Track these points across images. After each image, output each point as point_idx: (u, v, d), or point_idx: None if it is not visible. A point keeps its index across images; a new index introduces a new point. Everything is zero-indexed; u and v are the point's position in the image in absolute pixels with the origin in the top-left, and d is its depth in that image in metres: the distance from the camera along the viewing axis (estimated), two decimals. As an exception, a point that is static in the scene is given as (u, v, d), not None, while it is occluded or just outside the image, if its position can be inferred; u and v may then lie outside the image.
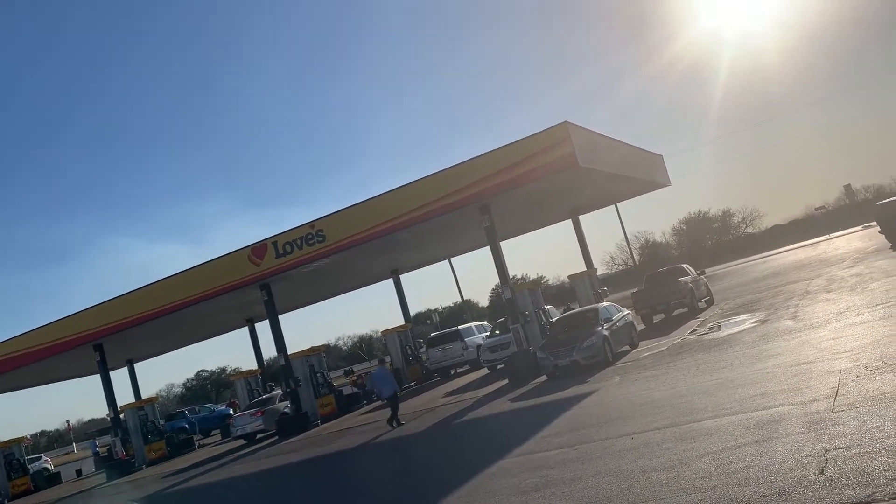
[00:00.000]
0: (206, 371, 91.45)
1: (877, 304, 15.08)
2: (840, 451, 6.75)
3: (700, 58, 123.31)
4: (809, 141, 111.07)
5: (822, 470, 6.38)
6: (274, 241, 24.10)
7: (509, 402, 17.04)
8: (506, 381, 21.07)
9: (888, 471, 5.93)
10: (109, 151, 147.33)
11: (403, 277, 35.96)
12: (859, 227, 53.31)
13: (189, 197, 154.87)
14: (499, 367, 25.03)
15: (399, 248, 27.37)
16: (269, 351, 40.12)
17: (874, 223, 34.05)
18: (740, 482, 6.68)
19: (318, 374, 27.17)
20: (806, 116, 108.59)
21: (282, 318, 27.62)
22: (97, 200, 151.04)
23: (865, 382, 8.97)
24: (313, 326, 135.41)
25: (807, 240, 57.85)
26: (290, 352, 26.55)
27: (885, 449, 6.44)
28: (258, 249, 24.41)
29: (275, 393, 29.89)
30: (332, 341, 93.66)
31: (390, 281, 35.52)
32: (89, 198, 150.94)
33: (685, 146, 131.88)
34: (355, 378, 33.85)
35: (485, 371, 26.74)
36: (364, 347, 79.09)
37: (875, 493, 5.57)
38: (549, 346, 19.62)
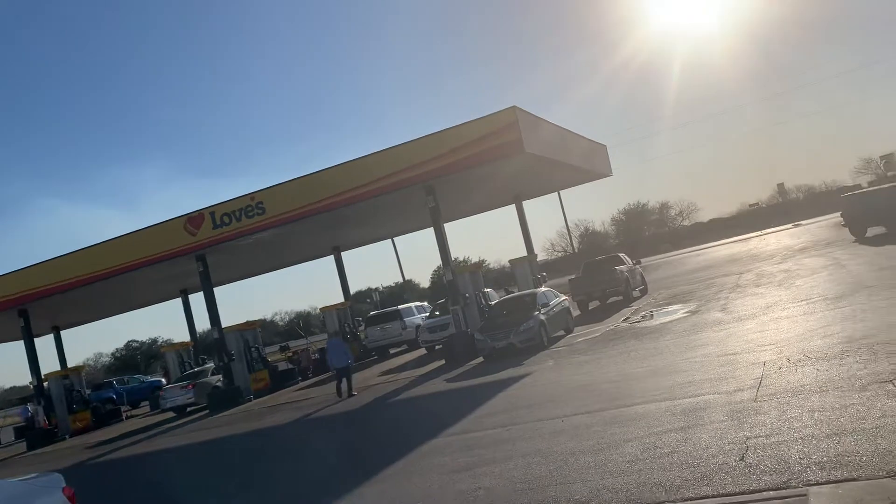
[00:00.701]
0: (137, 342, 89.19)
1: (801, 300, 15.70)
2: (760, 439, 7.01)
3: (652, 56, 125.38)
4: (748, 139, 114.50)
5: (743, 457, 6.62)
6: (211, 211, 23.56)
7: (445, 383, 17.16)
8: (443, 362, 21.20)
9: (802, 458, 6.20)
10: (37, 106, 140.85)
11: (345, 255, 35.72)
12: (790, 225, 55.35)
13: (123, 160, 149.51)
14: (437, 347, 25.15)
15: (341, 225, 27.12)
16: (202, 323, 39.30)
17: (804, 221, 35.35)
18: (665, 467, 6.88)
19: (253, 349, 26.81)
20: (744, 115, 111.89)
21: (217, 290, 27.10)
22: (24, 159, 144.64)
23: (787, 374, 9.34)
24: (250, 300, 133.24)
25: (740, 235, 59.74)
26: (224, 325, 26.11)
27: (801, 438, 6.73)
28: (195, 219, 23.83)
29: (207, 366, 29.36)
30: (268, 316, 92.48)
31: (331, 258, 35.22)
32: (15, 156, 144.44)
33: (630, 139, 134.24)
34: (290, 354, 33.50)
35: (423, 351, 26.85)
36: (301, 324, 78.29)
37: (790, 479, 5.82)
38: (487, 328, 19.81)
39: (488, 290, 26.72)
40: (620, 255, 29.44)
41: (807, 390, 8.33)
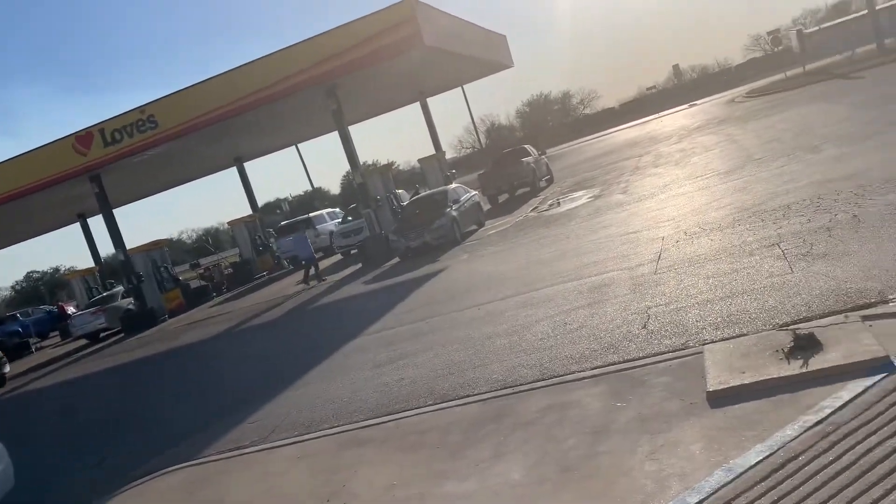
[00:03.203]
0: (38, 272, 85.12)
1: (697, 177, 16.46)
2: (660, 307, 7.51)
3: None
4: (644, 23, 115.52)
5: (645, 325, 7.10)
6: (100, 128, 22.25)
7: (363, 285, 17.33)
8: (359, 266, 21.32)
9: (699, 321, 6.70)
10: None
11: (248, 165, 34.64)
12: (686, 106, 57.01)
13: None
14: (352, 252, 25.19)
15: (241, 134, 26.17)
16: (106, 248, 37.78)
17: (699, 101, 36.28)
18: (574, 340, 7.31)
19: (162, 269, 26.17)
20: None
21: (117, 211, 26.02)
22: None
23: (684, 246, 9.91)
24: (153, 220, 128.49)
25: (639, 119, 61.22)
26: (129, 247, 25.24)
27: (697, 303, 7.24)
28: (83, 138, 22.47)
29: (116, 290, 28.54)
30: (175, 235, 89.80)
31: (234, 170, 34.11)
32: None
33: (530, 27, 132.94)
34: (202, 271, 32.86)
35: (338, 257, 26.85)
36: (210, 240, 76.43)
37: (688, 341, 6.30)
38: (400, 229, 19.93)
39: (400, 191, 26.69)
40: (526, 146, 29.77)
41: (702, 259, 8.89)
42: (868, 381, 4.44)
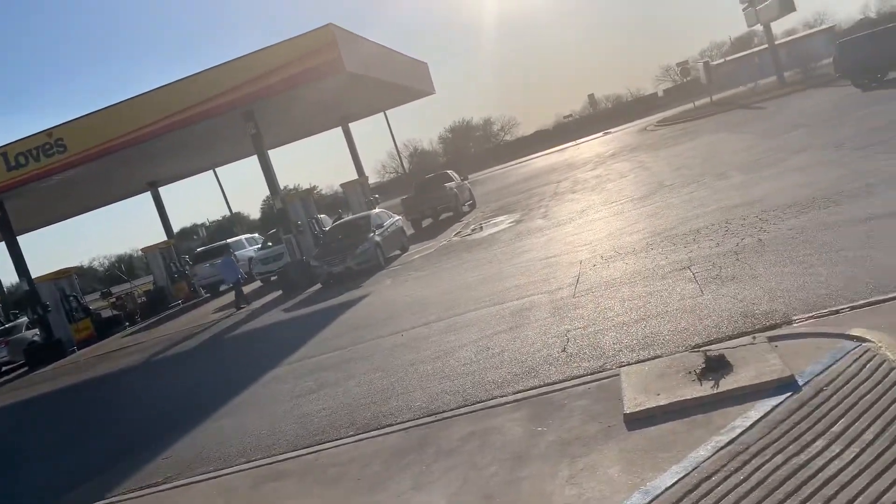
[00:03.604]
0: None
1: (612, 202, 16.95)
2: (579, 330, 7.63)
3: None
4: (562, 54, 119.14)
5: (564, 348, 7.20)
6: (3, 151, 21.14)
7: (283, 312, 16.98)
8: (280, 293, 20.90)
9: (615, 344, 6.84)
10: None
11: (164, 190, 33.62)
12: (601, 133, 58.86)
13: None
14: (272, 278, 24.69)
15: (156, 158, 25.36)
16: (9, 277, 35.81)
17: (613, 129, 37.50)
18: (496, 365, 7.34)
19: (71, 298, 24.96)
20: (560, 30, 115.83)
21: (22, 238, 24.70)
22: None
23: (601, 270, 10.15)
24: (63, 247, 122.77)
25: (557, 146, 62.77)
26: (35, 276, 23.98)
27: (614, 326, 7.40)
28: (-16, 162, 21.28)
29: (20, 321, 27.04)
30: (85, 263, 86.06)
31: (149, 194, 33.01)
32: None
33: (451, 56, 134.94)
34: (114, 300, 31.52)
35: (258, 284, 26.27)
36: (123, 267, 73.47)
37: (605, 363, 6.42)
38: (322, 254, 19.67)
39: (322, 216, 26.41)
40: (449, 172, 30.03)
41: (618, 283, 9.12)
42: (775, 401, 4.61)
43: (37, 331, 24.32)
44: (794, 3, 40.18)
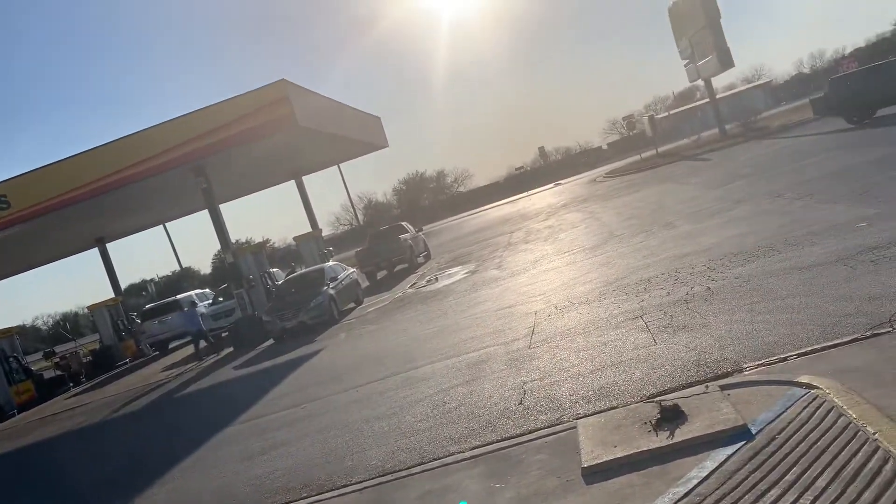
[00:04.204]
0: None
1: (564, 252, 17.16)
2: (535, 382, 7.61)
3: (419, 26, 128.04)
4: (512, 108, 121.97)
5: (521, 401, 7.15)
6: (-58, 208, 20.45)
7: (234, 370, 16.58)
8: (231, 349, 20.44)
9: (572, 395, 6.83)
10: None
11: (111, 246, 32.89)
12: (552, 185, 59.97)
13: None
14: (223, 334, 24.16)
15: (104, 214, 24.86)
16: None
17: (563, 181, 38.23)
18: (453, 420, 7.25)
19: (11, 359, 24.00)
20: (510, 85, 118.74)
21: (-42, 298, 23.75)
22: None
23: (555, 320, 10.20)
24: (5, 306, 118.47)
25: (509, 197, 63.66)
26: (-28, 337, 23.03)
27: (570, 377, 7.40)
28: (-80, 219, 20.54)
29: (-45, 385, 25.76)
30: (27, 322, 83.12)
31: (96, 250, 32.23)
32: None
33: (404, 110, 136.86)
34: (58, 360, 30.37)
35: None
36: (68, 326, 71.12)
37: (562, 415, 6.40)
38: (275, 308, 19.37)
39: (274, 269, 26.10)
40: (403, 223, 30.14)
41: (573, 333, 9.16)
42: (729, 450, 4.64)
43: (-27, 394, 23.23)
44: (733, 59, 42.08)
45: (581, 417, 6.13)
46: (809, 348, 6.03)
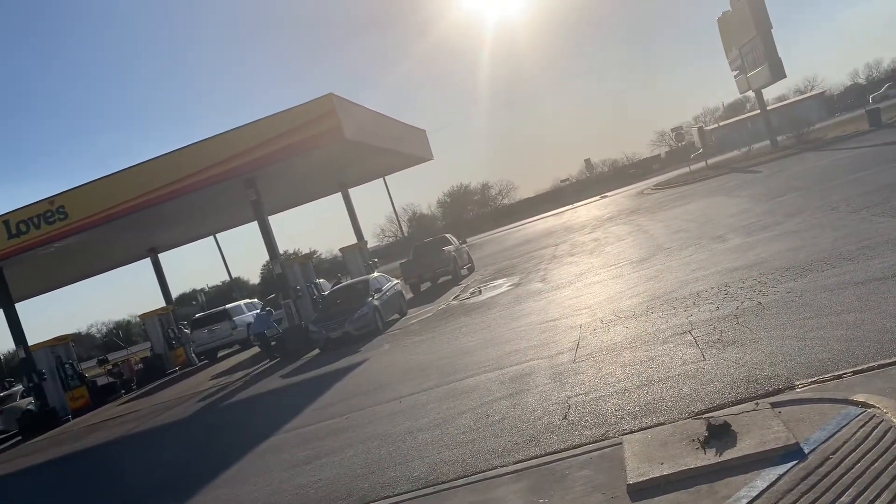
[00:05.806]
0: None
1: (610, 265, 16.97)
2: (580, 397, 7.53)
3: (464, 39, 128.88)
4: (558, 119, 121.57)
5: (566, 415, 7.08)
6: (5, 219, 21.29)
7: (281, 379, 16.79)
8: (278, 359, 20.72)
9: (618, 411, 6.73)
10: None
11: (163, 256, 33.73)
12: (598, 197, 59.41)
13: None
14: (272, 343, 24.48)
15: (156, 225, 25.55)
16: (6, 344, 35.55)
17: (610, 193, 37.88)
18: (496, 433, 7.21)
19: (67, 366, 24.72)
20: (555, 97, 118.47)
21: (21, 305, 24.62)
22: None
23: (601, 334, 10.08)
24: (61, 313, 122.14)
25: (554, 209, 63.28)
26: (32, 342, 23.81)
27: (616, 392, 7.30)
28: (-16, 230, 21.41)
29: (14, 389, 26.72)
30: (83, 329, 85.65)
31: (148, 260, 33.10)
32: None
33: (449, 123, 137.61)
34: (110, 367, 31.21)
35: (256, 350, 26.03)
36: (121, 334, 73.03)
37: (608, 431, 6.30)
38: (321, 319, 19.59)
39: (320, 280, 26.41)
40: (447, 235, 30.20)
41: (618, 347, 9.04)
42: (780, 469, 4.51)
43: (31, 399, 24.00)
44: (785, 70, 41.20)
45: (627, 433, 6.04)
46: (865, 366, 5.83)
